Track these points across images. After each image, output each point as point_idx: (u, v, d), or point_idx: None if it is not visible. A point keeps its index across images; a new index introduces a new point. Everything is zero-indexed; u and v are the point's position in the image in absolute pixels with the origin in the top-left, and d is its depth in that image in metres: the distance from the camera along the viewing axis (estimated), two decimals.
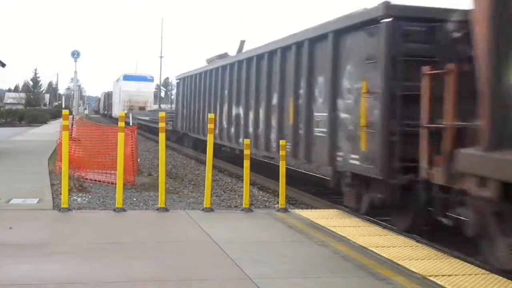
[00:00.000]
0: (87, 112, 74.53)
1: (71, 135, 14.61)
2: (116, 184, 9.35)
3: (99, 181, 12.98)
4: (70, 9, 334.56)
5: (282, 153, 9.96)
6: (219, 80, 19.62)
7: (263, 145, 14.91)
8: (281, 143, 10.20)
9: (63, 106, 70.40)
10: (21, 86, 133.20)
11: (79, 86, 49.65)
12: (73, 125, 18.91)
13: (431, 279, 5.71)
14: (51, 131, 34.85)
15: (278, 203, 10.19)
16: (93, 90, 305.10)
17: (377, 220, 10.13)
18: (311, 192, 14.06)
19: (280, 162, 9.91)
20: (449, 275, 5.84)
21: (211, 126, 9.68)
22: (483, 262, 7.01)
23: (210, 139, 9.46)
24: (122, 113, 9.93)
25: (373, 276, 5.85)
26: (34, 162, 16.93)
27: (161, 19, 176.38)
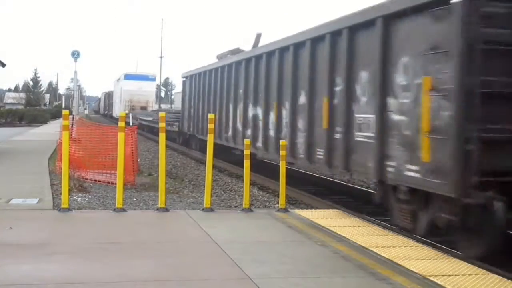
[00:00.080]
0: (87, 112, 74.55)
1: (71, 135, 14.63)
2: (116, 184, 9.36)
3: (99, 181, 12.98)
4: (70, 9, 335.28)
5: (282, 153, 9.95)
6: (233, 77, 17.90)
7: (287, 151, 12.75)
8: (281, 143, 10.20)
9: (63, 106, 70.45)
10: (21, 86, 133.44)
11: (79, 86, 49.62)
12: (73, 125, 18.92)
13: (431, 279, 5.71)
14: (51, 131, 34.85)
15: (278, 203, 10.19)
16: (93, 90, 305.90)
17: (377, 220, 10.14)
18: (311, 192, 14.08)
19: (280, 162, 9.90)
20: (449, 275, 5.83)
21: (211, 126, 9.68)
22: None
23: (210, 139, 9.48)
24: (122, 113, 9.98)
25: (373, 276, 5.85)
26: (34, 162, 16.93)
27: (161, 19, 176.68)
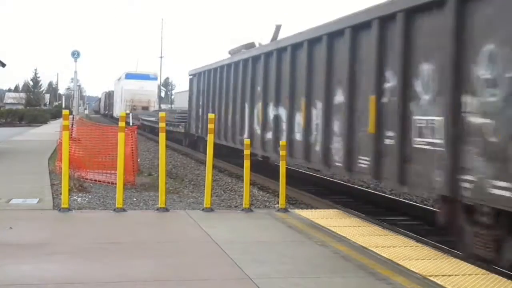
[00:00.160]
0: (87, 112, 74.56)
1: (71, 135, 14.63)
2: (116, 184, 9.36)
3: (99, 181, 12.98)
4: (70, 9, 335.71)
5: (282, 153, 9.96)
6: (249, 73, 16.16)
7: (318, 157, 11.46)
8: (281, 143, 10.21)
9: (63, 106, 70.58)
10: (21, 86, 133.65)
11: (79, 86, 49.51)
12: (73, 125, 18.93)
13: (431, 279, 5.71)
14: (51, 131, 34.86)
15: (278, 203, 10.19)
16: (93, 90, 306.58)
17: (377, 220, 10.14)
18: (311, 192, 14.08)
19: (280, 162, 9.91)
20: (449, 275, 5.83)
21: (211, 126, 9.68)
22: None
23: (210, 139, 9.49)
24: (122, 113, 10.00)
25: (373, 276, 5.85)
26: (34, 162, 16.93)
27: (161, 19, 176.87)
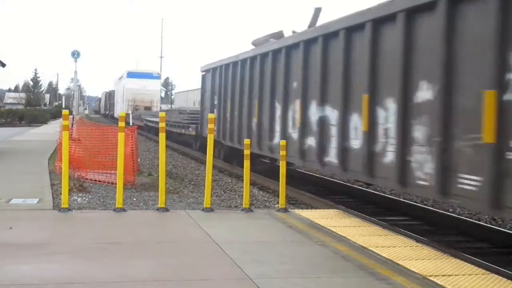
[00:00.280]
0: (87, 112, 74.60)
1: (71, 135, 14.63)
2: (116, 184, 9.36)
3: (99, 181, 12.98)
4: (70, 9, 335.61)
5: (282, 153, 9.95)
6: (281, 66, 13.67)
7: (389, 172, 8.95)
8: (281, 143, 10.20)
9: (63, 106, 70.56)
10: (21, 86, 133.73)
11: (79, 86, 49.53)
12: (73, 125, 18.93)
13: (431, 279, 5.71)
14: (51, 131, 34.86)
15: (278, 203, 10.19)
16: (93, 90, 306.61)
17: (377, 220, 10.14)
18: (311, 192, 14.08)
19: (280, 162, 9.90)
20: (449, 275, 5.83)
21: (211, 126, 9.68)
22: None
23: (210, 139, 9.49)
24: (122, 113, 10.00)
25: (373, 276, 5.85)
26: (34, 162, 16.93)
27: (161, 19, 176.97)
